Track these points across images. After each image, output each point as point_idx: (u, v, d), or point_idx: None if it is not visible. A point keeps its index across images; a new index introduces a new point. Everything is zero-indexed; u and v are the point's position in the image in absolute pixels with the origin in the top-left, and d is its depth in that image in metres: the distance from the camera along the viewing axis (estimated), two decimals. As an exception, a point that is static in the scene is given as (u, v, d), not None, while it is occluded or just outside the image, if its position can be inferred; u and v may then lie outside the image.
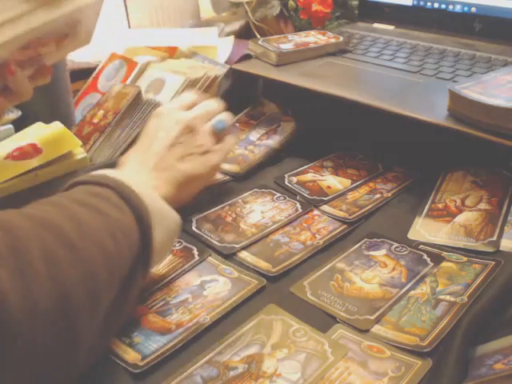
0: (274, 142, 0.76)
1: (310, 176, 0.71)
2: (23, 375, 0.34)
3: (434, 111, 0.63)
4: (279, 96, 0.85)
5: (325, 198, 0.65)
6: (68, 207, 0.41)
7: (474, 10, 0.87)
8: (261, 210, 0.63)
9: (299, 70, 0.79)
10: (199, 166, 0.57)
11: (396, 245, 0.57)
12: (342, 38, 0.87)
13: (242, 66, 0.82)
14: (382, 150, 0.75)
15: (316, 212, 0.63)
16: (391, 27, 0.97)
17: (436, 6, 0.91)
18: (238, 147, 0.76)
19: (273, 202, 0.65)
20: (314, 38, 0.88)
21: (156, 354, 0.44)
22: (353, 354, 0.44)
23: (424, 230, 0.59)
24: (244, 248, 0.57)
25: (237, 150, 0.75)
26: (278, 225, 0.61)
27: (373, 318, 0.47)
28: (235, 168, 0.72)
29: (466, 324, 0.45)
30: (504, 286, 0.49)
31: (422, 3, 0.93)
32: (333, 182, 0.69)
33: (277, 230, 0.60)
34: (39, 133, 0.69)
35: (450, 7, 0.89)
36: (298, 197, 0.66)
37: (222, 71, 0.81)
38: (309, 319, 0.47)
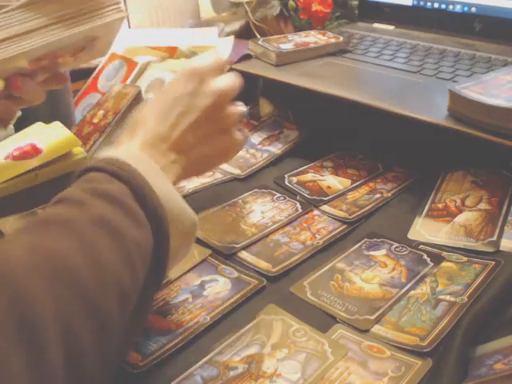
0: (276, 149, 0.77)
1: (309, 176, 0.71)
2: None
3: (434, 111, 0.63)
4: (279, 96, 0.85)
5: (325, 198, 0.65)
6: (83, 232, 0.36)
7: (474, 10, 0.87)
8: (261, 210, 0.63)
9: (299, 70, 0.79)
10: (222, 152, 0.53)
11: (396, 245, 0.57)
12: (341, 38, 0.87)
13: (241, 66, 0.82)
14: (382, 150, 0.75)
15: (316, 212, 0.63)
16: (391, 27, 0.97)
17: (436, 6, 0.91)
18: None
19: (273, 202, 0.65)
20: (314, 38, 0.88)
21: (156, 354, 0.44)
22: (353, 354, 0.44)
23: (424, 229, 0.59)
24: (244, 248, 0.57)
25: (240, 139, 0.75)
26: (278, 225, 0.61)
27: (373, 318, 0.47)
28: (237, 171, 0.72)
29: (466, 324, 0.45)
30: (504, 286, 0.49)
31: (422, 3, 0.93)
32: (333, 181, 0.69)
33: (277, 230, 0.60)
34: (39, 133, 0.69)
35: (450, 7, 0.89)
36: (298, 197, 0.66)
37: (221, 71, 0.81)
38: (309, 319, 0.47)
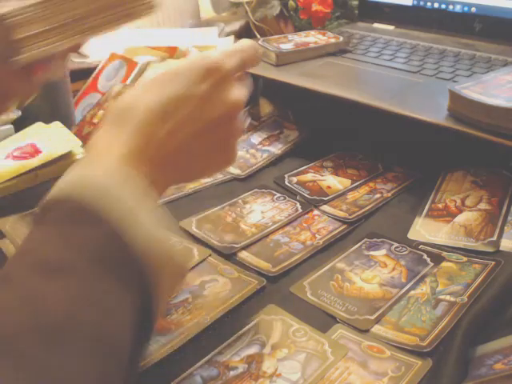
0: (276, 150, 0.77)
1: (310, 176, 0.71)
2: None
3: (434, 111, 0.63)
4: (279, 96, 0.85)
5: (325, 198, 0.65)
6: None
7: (474, 10, 0.87)
8: (261, 210, 0.63)
9: (299, 70, 0.79)
10: (215, 167, 0.46)
11: (396, 245, 0.57)
12: (341, 38, 0.87)
13: (241, 66, 0.82)
14: (382, 150, 0.75)
15: (316, 212, 0.63)
16: (391, 27, 0.97)
17: (436, 6, 0.91)
18: (239, 149, 0.76)
19: (273, 202, 0.65)
20: (314, 38, 0.88)
21: (156, 354, 0.44)
22: (353, 354, 0.44)
23: (424, 230, 0.59)
24: (244, 248, 0.57)
25: (238, 151, 0.75)
26: (278, 225, 0.61)
27: (373, 318, 0.47)
28: (237, 171, 0.72)
29: (466, 324, 0.45)
30: (504, 286, 0.49)
31: (422, 3, 0.93)
32: (333, 182, 0.69)
33: (277, 230, 0.60)
34: (39, 133, 0.69)
35: (450, 7, 0.89)
36: (298, 197, 0.66)
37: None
38: (309, 319, 0.47)
